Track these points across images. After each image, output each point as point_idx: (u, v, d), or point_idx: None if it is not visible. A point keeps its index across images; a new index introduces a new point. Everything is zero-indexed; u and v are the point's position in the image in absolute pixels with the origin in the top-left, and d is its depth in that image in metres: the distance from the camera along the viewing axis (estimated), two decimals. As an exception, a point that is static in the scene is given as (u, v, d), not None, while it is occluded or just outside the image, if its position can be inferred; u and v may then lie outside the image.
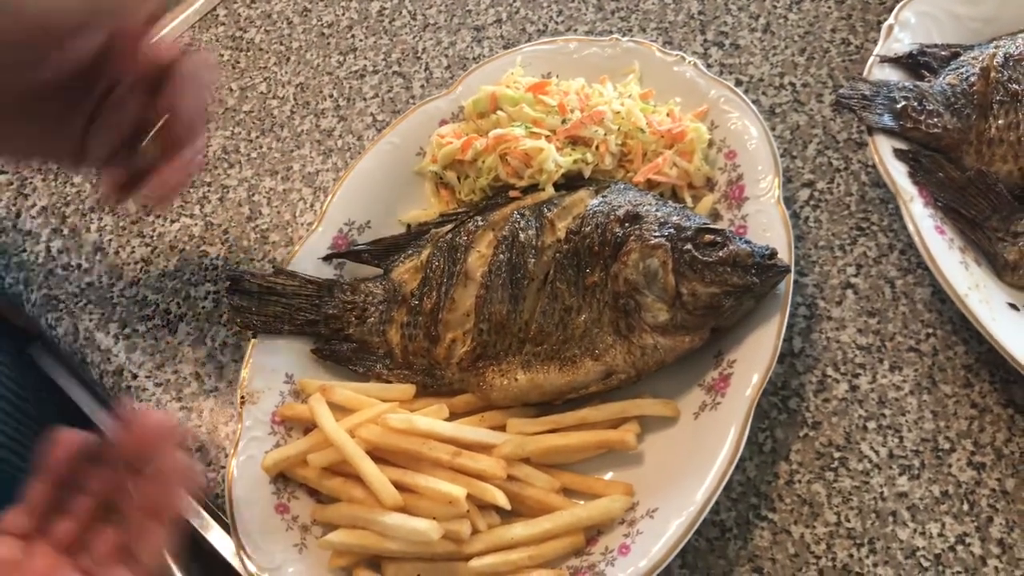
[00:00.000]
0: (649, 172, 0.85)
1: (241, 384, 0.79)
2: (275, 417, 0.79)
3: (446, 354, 0.79)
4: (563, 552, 0.70)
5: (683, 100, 0.89)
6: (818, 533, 0.72)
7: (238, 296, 0.83)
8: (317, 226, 0.87)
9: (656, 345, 0.74)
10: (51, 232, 0.97)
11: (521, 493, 0.72)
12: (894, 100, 0.82)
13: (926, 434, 0.75)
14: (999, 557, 0.70)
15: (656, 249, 0.75)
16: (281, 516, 0.74)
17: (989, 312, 0.72)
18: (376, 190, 0.90)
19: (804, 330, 0.81)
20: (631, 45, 0.93)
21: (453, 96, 0.93)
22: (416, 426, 0.72)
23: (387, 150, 0.92)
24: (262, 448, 0.76)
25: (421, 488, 0.70)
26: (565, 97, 0.88)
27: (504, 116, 0.88)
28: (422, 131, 0.92)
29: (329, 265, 0.86)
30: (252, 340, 0.82)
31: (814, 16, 0.99)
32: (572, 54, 0.94)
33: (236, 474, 0.75)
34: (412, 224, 0.89)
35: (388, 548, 0.69)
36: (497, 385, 0.77)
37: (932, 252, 0.74)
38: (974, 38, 0.87)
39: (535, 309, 0.77)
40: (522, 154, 0.84)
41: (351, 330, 0.82)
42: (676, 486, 0.70)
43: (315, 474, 0.74)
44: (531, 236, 0.78)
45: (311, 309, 0.83)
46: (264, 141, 1.01)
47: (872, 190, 0.87)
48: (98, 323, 0.90)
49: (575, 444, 0.74)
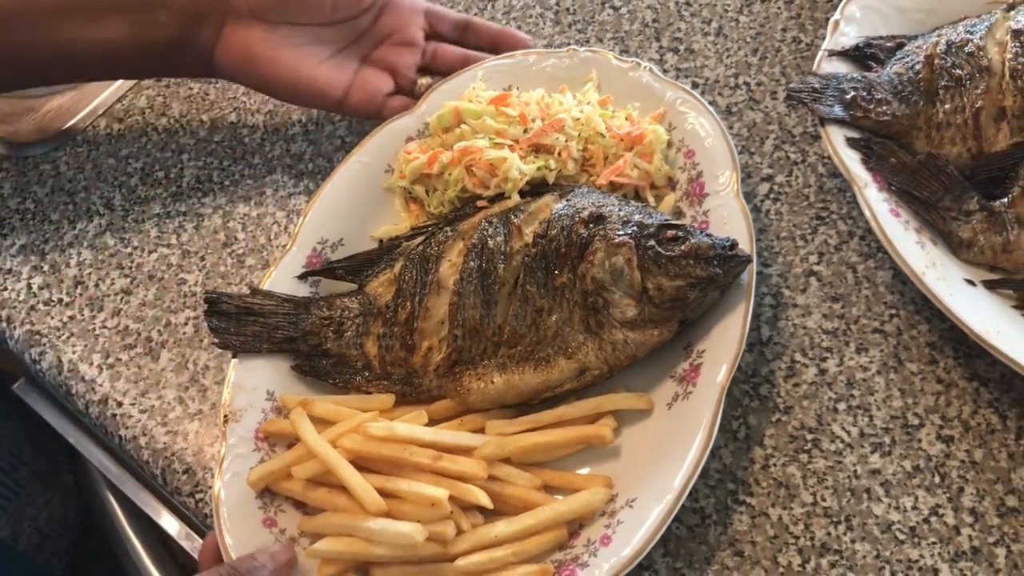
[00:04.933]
0: (611, 174, 0.87)
1: (223, 403, 0.80)
2: (258, 434, 0.80)
3: (423, 362, 0.81)
4: (547, 547, 0.71)
5: (641, 104, 0.91)
6: (795, 514, 0.74)
7: (216, 317, 0.84)
8: (291, 246, 0.88)
9: (626, 340, 0.76)
10: (31, 270, 0.98)
11: (503, 492, 0.73)
12: (844, 91, 0.85)
13: (895, 412, 0.77)
14: (971, 526, 0.71)
15: (621, 247, 0.77)
16: (269, 530, 0.75)
17: (947, 288, 0.75)
18: (347, 208, 0.91)
19: (771, 319, 0.83)
20: (588, 55, 0.95)
21: (418, 113, 0.95)
22: (396, 433, 0.73)
23: (356, 169, 0.93)
24: (247, 465, 0.77)
25: (404, 493, 0.71)
26: (526, 108, 0.90)
27: (468, 129, 0.90)
28: (389, 148, 0.94)
29: (305, 283, 0.88)
30: (232, 360, 0.83)
31: (764, 17, 1.01)
32: (531, 66, 0.97)
33: (223, 492, 0.76)
34: (384, 239, 0.91)
35: (375, 553, 0.70)
36: (475, 389, 0.78)
37: (888, 234, 0.76)
38: (918, 29, 0.90)
39: (507, 313, 0.79)
40: (487, 164, 0.86)
41: (329, 345, 0.84)
42: (653, 475, 0.72)
43: (300, 486, 0.75)
44: (500, 242, 0.80)
45: (289, 327, 0.84)
46: (236, 168, 1.02)
47: (829, 180, 0.89)
48: (81, 355, 0.91)
49: (554, 441, 0.75)
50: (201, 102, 1.09)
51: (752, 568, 0.72)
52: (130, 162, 1.06)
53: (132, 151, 1.07)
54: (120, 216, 1.01)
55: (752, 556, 0.72)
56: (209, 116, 1.08)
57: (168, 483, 0.85)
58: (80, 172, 1.06)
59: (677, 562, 0.73)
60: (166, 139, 1.07)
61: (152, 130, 1.08)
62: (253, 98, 1.08)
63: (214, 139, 1.06)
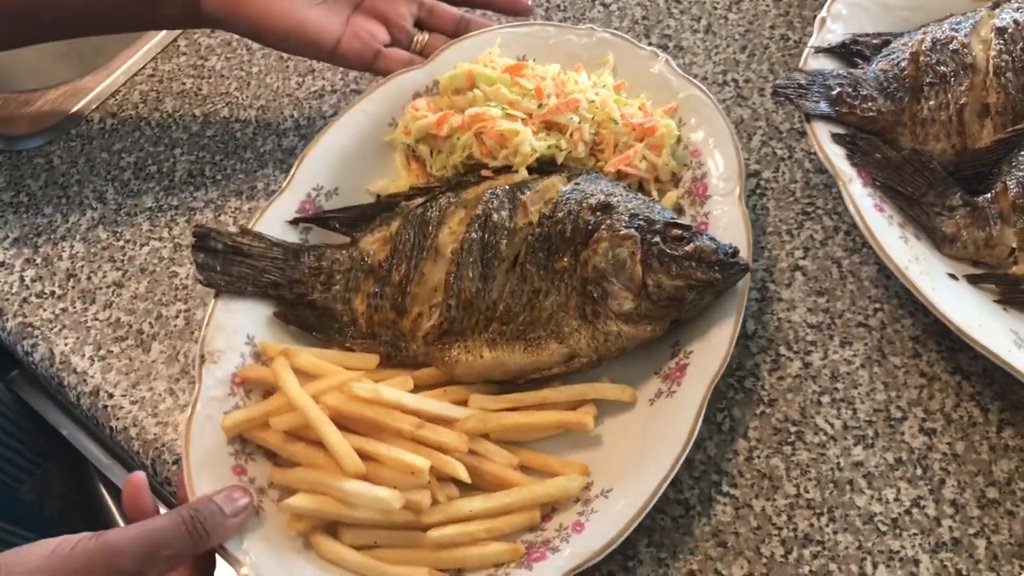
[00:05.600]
0: (620, 163, 0.87)
1: (201, 343, 0.79)
2: (235, 378, 0.79)
3: (412, 327, 0.81)
4: (519, 527, 0.72)
5: (652, 96, 0.91)
6: (779, 505, 0.74)
7: (204, 253, 0.83)
8: (285, 189, 0.88)
9: (619, 332, 0.77)
10: (24, 262, 0.99)
11: (480, 467, 0.73)
12: (829, 87, 0.85)
13: (878, 404, 0.78)
14: (952, 517, 0.72)
15: (626, 239, 0.77)
16: (239, 477, 0.74)
17: (930, 282, 0.75)
18: (346, 157, 0.91)
19: (756, 312, 0.83)
20: (607, 36, 0.94)
21: (428, 68, 0.94)
22: (382, 396, 0.73)
23: (359, 118, 0.92)
24: (221, 409, 0.76)
25: (383, 457, 0.70)
26: (542, 82, 0.89)
27: (480, 95, 0.89)
28: (395, 101, 0.93)
29: (295, 229, 0.87)
30: (214, 300, 0.82)
31: (753, 15, 1.02)
32: (548, 39, 0.96)
33: (194, 433, 0.75)
34: (381, 194, 0.90)
35: (348, 515, 0.70)
36: (462, 361, 0.78)
37: (872, 228, 0.77)
38: (903, 26, 0.90)
39: (504, 289, 0.79)
40: (498, 135, 0.86)
41: (315, 296, 0.83)
42: (631, 470, 0.72)
43: (277, 438, 0.74)
44: (504, 217, 0.80)
45: (277, 272, 0.83)
46: (228, 163, 1.03)
47: (816, 176, 0.90)
48: (73, 347, 0.92)
49: (535, 423, 0.75)
50: (194, 97, 1.10)
51: (735, 558, 0.73)
52: (123, 156, 1.06)
53: (125, 145, 1.07)
54: (112, 209, 1.02)
55: (735, 547, 0.73)
56: (202, 111, 1.08)
57: (158, 473, 0.85)
58: (73, 166, 1.06)
59: (661, 552, 0.74)
60: (159, 133, 1.07)
61: (145, 124, 1.09)
62: (245, 93, 1.09)
63: (206, 134, 1.06)
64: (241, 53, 1.13)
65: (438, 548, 0.71)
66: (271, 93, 1.08)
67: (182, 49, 1.15)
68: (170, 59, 1.15)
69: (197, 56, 1.14)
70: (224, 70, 1.12)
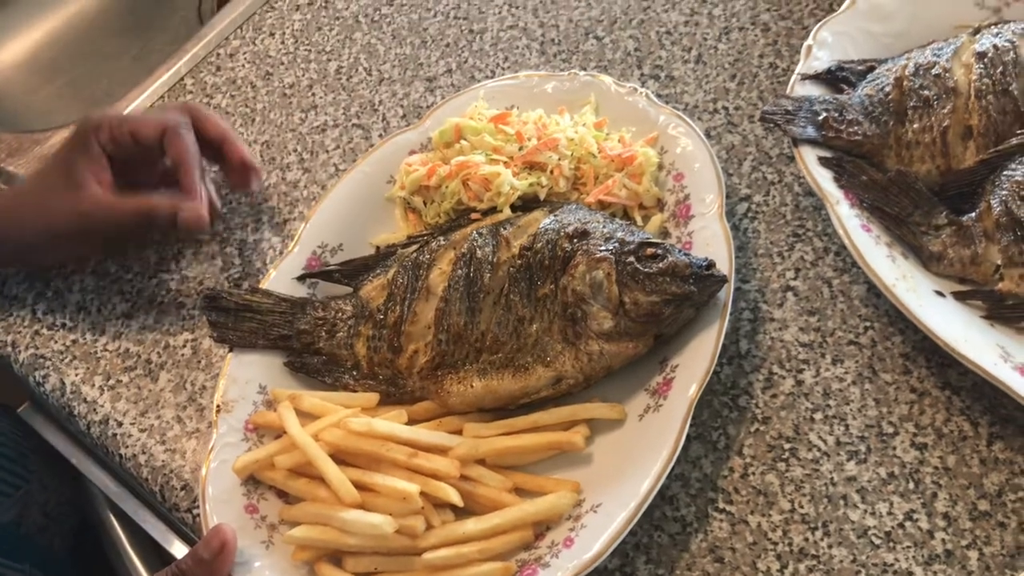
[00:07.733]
0: (600, 193, 0.90)
1: (217, 394, 0.84)
2: (248, 425, 0.83)
3: (408, 364, 0.84)
4: (513, 546, 0.74)
5: (636, 128, 0.94)
6: (774, 521, 0.76)
7: (215, 312, 0.88)
8: (293, 248, 0.93)
9: (602, 351, 0.79)
10: (36, 296, 1.01)
11: (474, 492, 0.75)
12: (816, 113, 0.88)
13: (870, 420, 0.79)
14: (945, 530, 0.73)
15: (601, 262, 0.80)
16: (251, 516, 0.78)
17: (917, 300, 0.77)
18: (349, 215, 0.95)
19: (749, 332, 0.85)
20: (588, 79, 0.99)
21: (423, 128, 0.99)
22: (375, 429, 0.76)
23: (359, 178, 0.97)
24: (235, 453, 0.80)
25: (378, 486, 0.73)
26: (523, 127, 0.93)
27: (467, 145, 0.94)
28: (393, 160, 0.98)
29: (303, 285, 0.91)
30: (228, 354, 0.86)
31: (742, 44, 1.05)
32: (533, 88, 1.00)
33: (210, 477, 0.79)
34: (381, 246, 0.94)
35: (347, 542, 0.73)
36: (455, 392, 0.81)
37: (859, 248, 0.79)
38: (887, 52, 0.93)
39: (491, 320, 0.81)
40: (482, 179, 0.90)
41: (321, 344, 0.87)
42: (619, 482, 0.74)
43: (282, 475, 0.78)
44: (488, 253, 0.83)
45: (284, 325, 0.87)
46: (234, 196, 1.06)
47: (805, 199, 0.92)
48: (83, 377, 0.94)
49: (527, 445, 0.77)
50: (200, 133, 1.13)
51: (732, 574, 0.74)
52: (131, 192, 1.09)
53: (133, 181, 1.10)
54: (121, 243, 1.04)
55: (732, 562, 0.74)
56: (208, 147, 1.11)
57: (167, 499, 0.87)
58: (83, 202, 1.09)
59: (659, 569, 0.75)
60: (166, 169, 1.10)
61: (153, 161, 1.12)
62: (250, 129, 1.12)
63: (212, 168, 1.09)
64: (246, 90, 1.16)
65: (433, 571, 0.73)
66: (275, 128, 1.12)
67: (188, 88, 1.19)
68: (176, 97, 1.18)
69: (203, 94, 1.17)
70: (229, 107, 1.15)
